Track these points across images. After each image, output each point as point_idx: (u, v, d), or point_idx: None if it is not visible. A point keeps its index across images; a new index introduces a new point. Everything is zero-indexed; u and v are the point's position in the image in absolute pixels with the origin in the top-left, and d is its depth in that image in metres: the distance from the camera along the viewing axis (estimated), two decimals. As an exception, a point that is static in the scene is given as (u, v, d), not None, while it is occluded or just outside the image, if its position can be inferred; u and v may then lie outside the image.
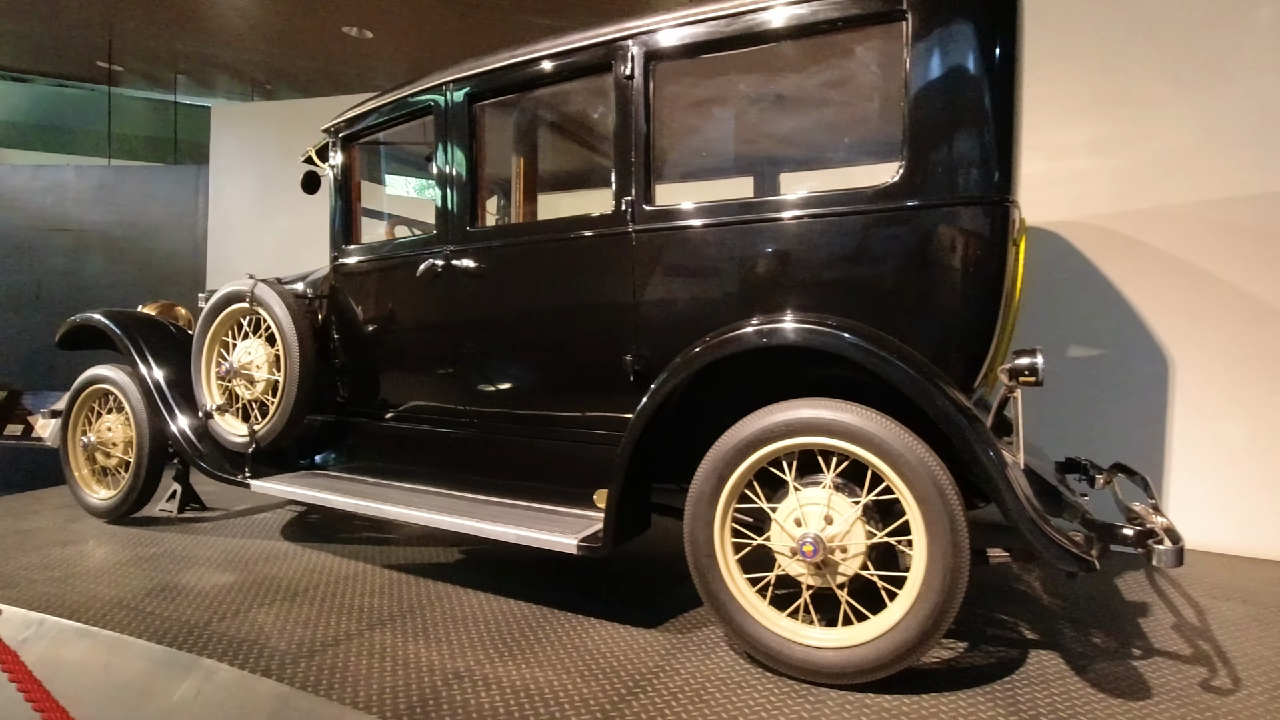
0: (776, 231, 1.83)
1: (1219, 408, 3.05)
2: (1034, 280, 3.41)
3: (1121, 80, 3.22)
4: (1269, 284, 2.95)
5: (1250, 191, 2.99)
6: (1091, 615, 2.31)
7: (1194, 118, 3.08)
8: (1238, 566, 2.88)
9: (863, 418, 1.70)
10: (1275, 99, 2.93)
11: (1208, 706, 1.72)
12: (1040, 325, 3.40)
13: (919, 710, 1.67)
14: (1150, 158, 3.17)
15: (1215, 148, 3.05)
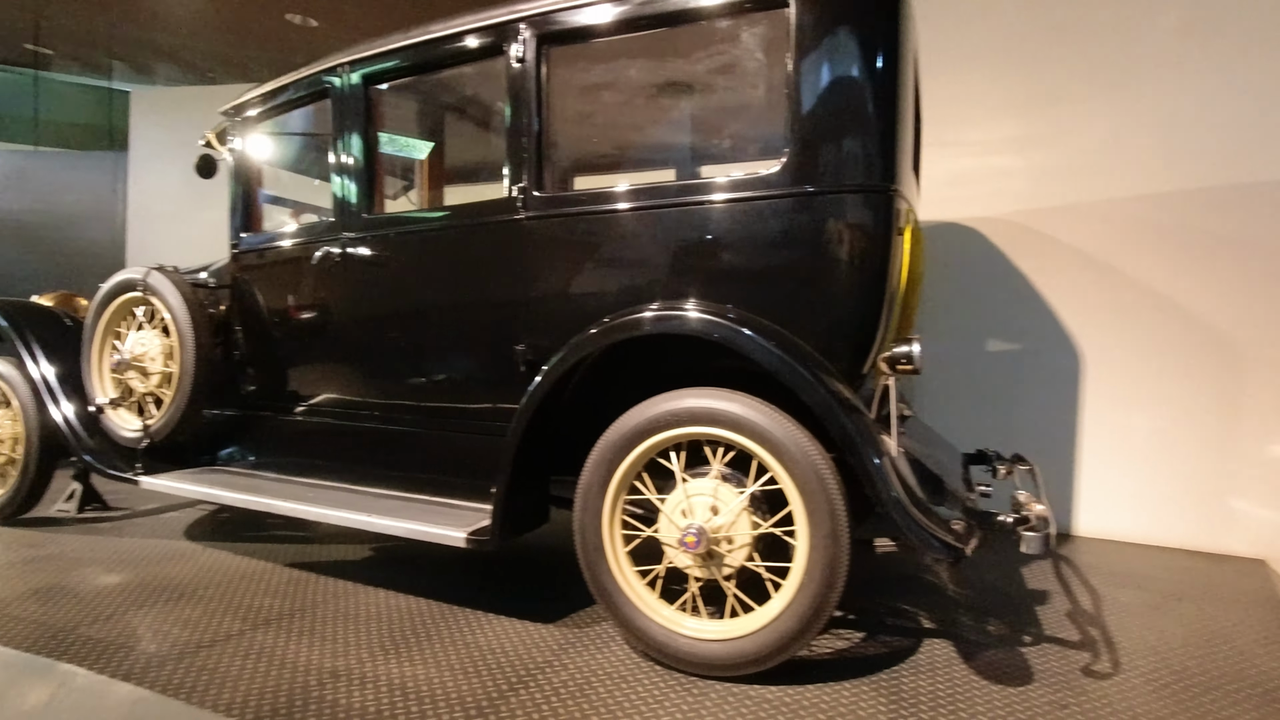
0: (664, 219, 1.81)
1: (1127, 399, 3.12)
2: (956, 275, 3.47)
3: (1040, 81, 3.28)
4: (1173, 280, 3.03)
5: (1156, 190, 3.06)
6: (992, 604, 2.34)
7: (1105, 118, 3.15)
8: (1141, 554, 2.96)
9: (747, 407, 1.69)
10: (1178, 102, 3.01)
11: (1084, 690, 1.74)
12: (961, 319, 3.46)
13: (801, 700, 1.66)
14: (1065, 156, 3.23)
15: (1124, 147, 3.12)
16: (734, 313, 1.72)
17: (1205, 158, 2.97)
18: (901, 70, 1.73)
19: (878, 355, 1.79)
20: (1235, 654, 1.98)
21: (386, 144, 2.46)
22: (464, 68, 2.08)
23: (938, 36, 3.46)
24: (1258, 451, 2.90)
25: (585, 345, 1.81)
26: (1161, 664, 1.90)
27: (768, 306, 1.74)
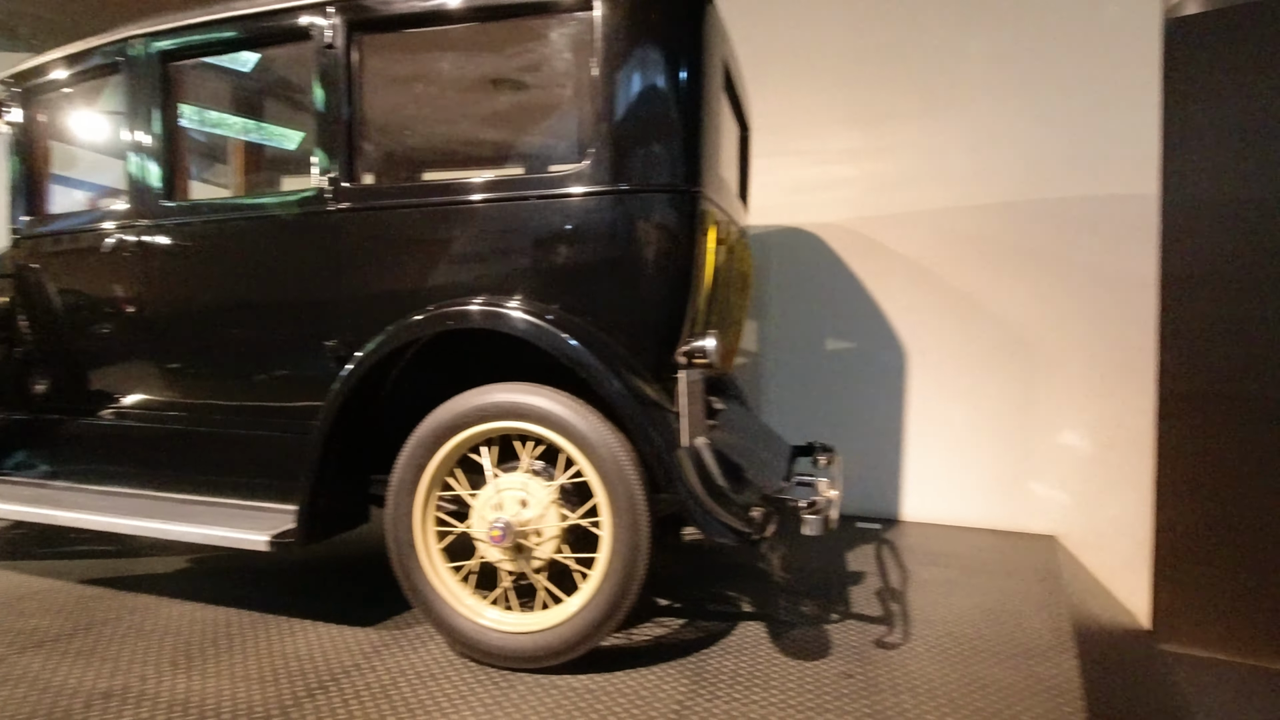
0: (475, 215, 1.80)
1: (945, 394, 3.40)
2: (799, 278, 3.66)
3: (873, 97, 3.51)
4: (983, 286, 3.33)
5: (970, 203, 3.35)
6: (811, 586, 2.48)
7: (929, 135, 3.42)
8: (953, 535, 3.22)
9: (552, 401, 1.70)
10: (988, 123, 3.31)
11: (871, 660, 1.88)
12: (803, 320, 3.65)
13: (606, 686, 1.70)
14: (894, 169, 3.48)
15: (944, 163, 3.39)
16: (529, 306, 1.73)
17: (1011, 175, 3.28)
18: (707, 78, 1.80)
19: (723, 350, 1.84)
20: (1010, 620, 2.20)
21: (192, 126, 2.31)
22: (272, 50, 1.99)
23: (782, 51, 3.65)
24: (1049, 439, 3.24)
25: (394, 338, 1.78)
26: (945, 633, 2.08)
27: (576, 302, 1.77)
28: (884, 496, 3.51)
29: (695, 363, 1.72)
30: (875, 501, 3.51)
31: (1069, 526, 3.21)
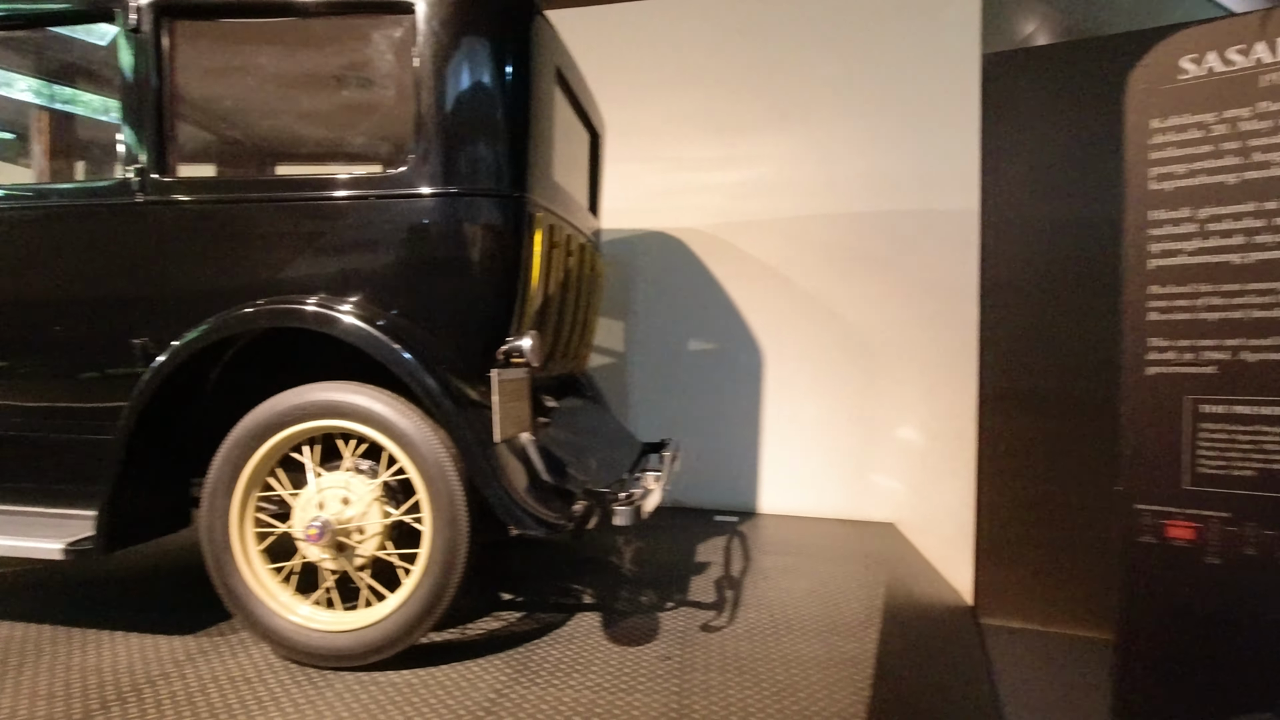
0: (293, 212, 1.78)
1: (797, 392, 3.60)
2: (665, 280, 3.79)
3: (735, 108, 3.68)
4: (831, 290, 3.55)
5: (820, 212, 3.57)
6: (655, 577, 2.58)
7: (784, 147, 3.62)
8: (804, 525, 3.43)
9: (373, 400, 1.71)
10: (832, 138, 3.54)
11: (693, 643, 1.99)
12: (668, 321, 3.78)
13: (427, 680, 1.72)
14: (754, 177, 3.66)
15: (798, 174, 3.60)
16: (340, 303, 1.74)
17: (854, 188, 3.52)
18: (535, 85, 1.86)
19: (555, 352, 1.89)
20: (830, 601, 2.37)
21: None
22: (76, 28, 1.89)
23: (650, 63, 3.76)
24: (889, 433, 3.50)
25: (204, 337, 1.74)
26: (767, 614, 2.22)
27: (396, 301, 1.78)
28: (742, 490, 3.68)
29: (513, 362, 1.78)
30: (734, 495, 3.68)
31: (905, 514, 3.48)
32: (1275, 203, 1.59)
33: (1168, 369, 1.70)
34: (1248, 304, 1.61)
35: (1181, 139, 1.68)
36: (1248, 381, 1.62)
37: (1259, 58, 1.60)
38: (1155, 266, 1.71)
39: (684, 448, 3.41)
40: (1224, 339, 1.64)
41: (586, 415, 2.59)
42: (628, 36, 3.80)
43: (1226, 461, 1.64)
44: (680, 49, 3.74)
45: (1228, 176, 1.63)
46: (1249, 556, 1.62)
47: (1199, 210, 1.66)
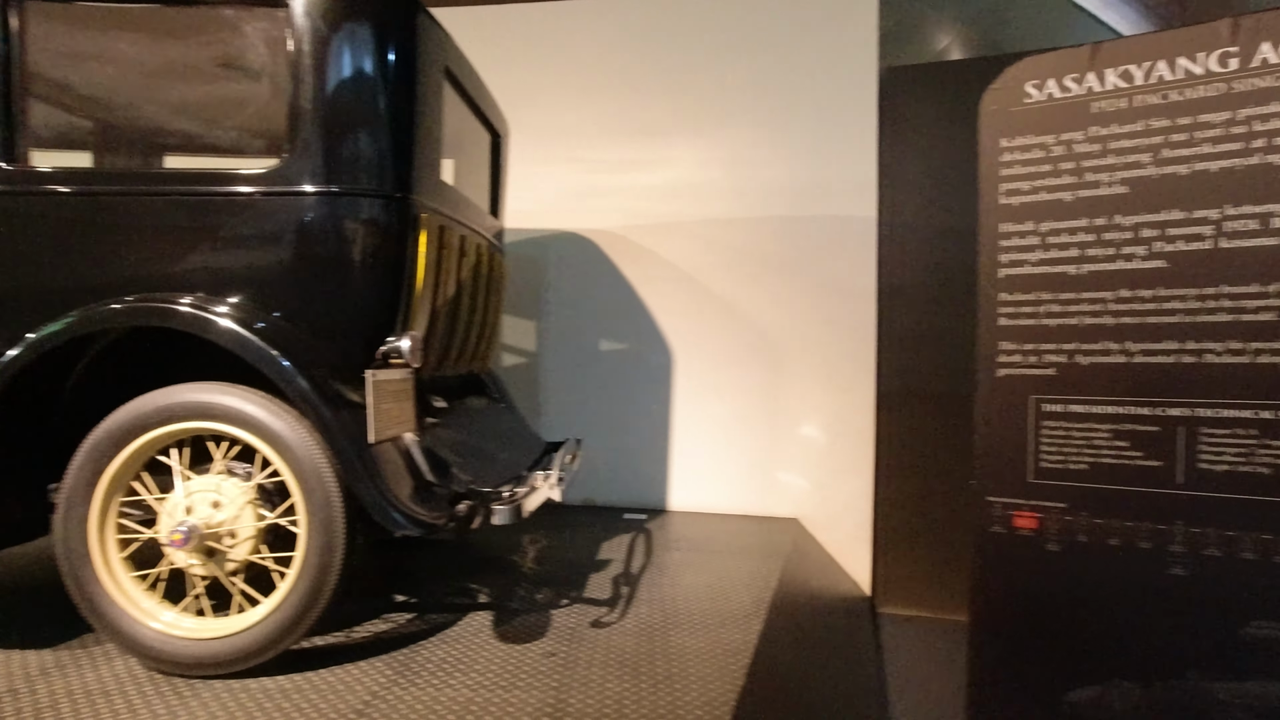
0: (158, 207, 1.73)
1: (706, 391, 3.69)
2: (578, 281, 3.81)
3: (649, 112, 3.73)
4: (739, 292, 3.65)
5: (728, 216, 3.66)
6: (555, 575, 2.60)
7: (695, 151, 3.70)
8: (712, 522, 3.51)
9: (245, 401, 1.68)
10: (740, 144, 3.64)
11: (580, 639, 2.02)
12: (581, 321, 3.81)
13: (301, 684, 1.70)
14: (666, 180, 3.72)
15: (708, 178, 3.68)
16: (205, 303, 1.70)
17: (760, 194, 3.62)
18: (419, 84, 1.86)
19: (451, 354, 1.88)
20: (722, 595, 2.45)
21: None
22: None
23: (563, 64, 3.78)
24: (793, 431, 3.62)
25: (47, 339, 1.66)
26: (659, 610, 2.28)
27: (274, 302, 1.75)
28: (653, 488, 3.74)
29: (392, 363, 1.77)
30: (645, 493, 3.74)
31: (809, 509, 3.61)
32: (1104, 219, 1.73)
33: (1015, 371, 1.83)
34: (1081, 311, 1.75)
35: (1026, 158, 1.81)
36: (1081, 382, 1.76)
37: (1090, 86, 1.74)
38: (1004, 275, 1.84)
39: (588, 447, 3.44)
40: (1062, 343, 1.77)
41: (485, 415, 2.59)
42: (546, 37, 3.81)
43: (1064, 456, 1.78)
44: (596, 52, 3.77)
45: (1064, 194, 1.77)
46: (1082, 543, 1.76)
47: (1041, 224, 1.80)
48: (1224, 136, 1.62)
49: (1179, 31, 1.64)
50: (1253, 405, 1.60)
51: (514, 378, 3.85)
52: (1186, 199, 1.65)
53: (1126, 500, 1.72)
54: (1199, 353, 1.65)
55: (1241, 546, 1.61)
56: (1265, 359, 1.59)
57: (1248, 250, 1.60)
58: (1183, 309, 1.66)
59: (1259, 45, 1.58)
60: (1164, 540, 1.68)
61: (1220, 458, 1.63)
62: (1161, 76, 1.67)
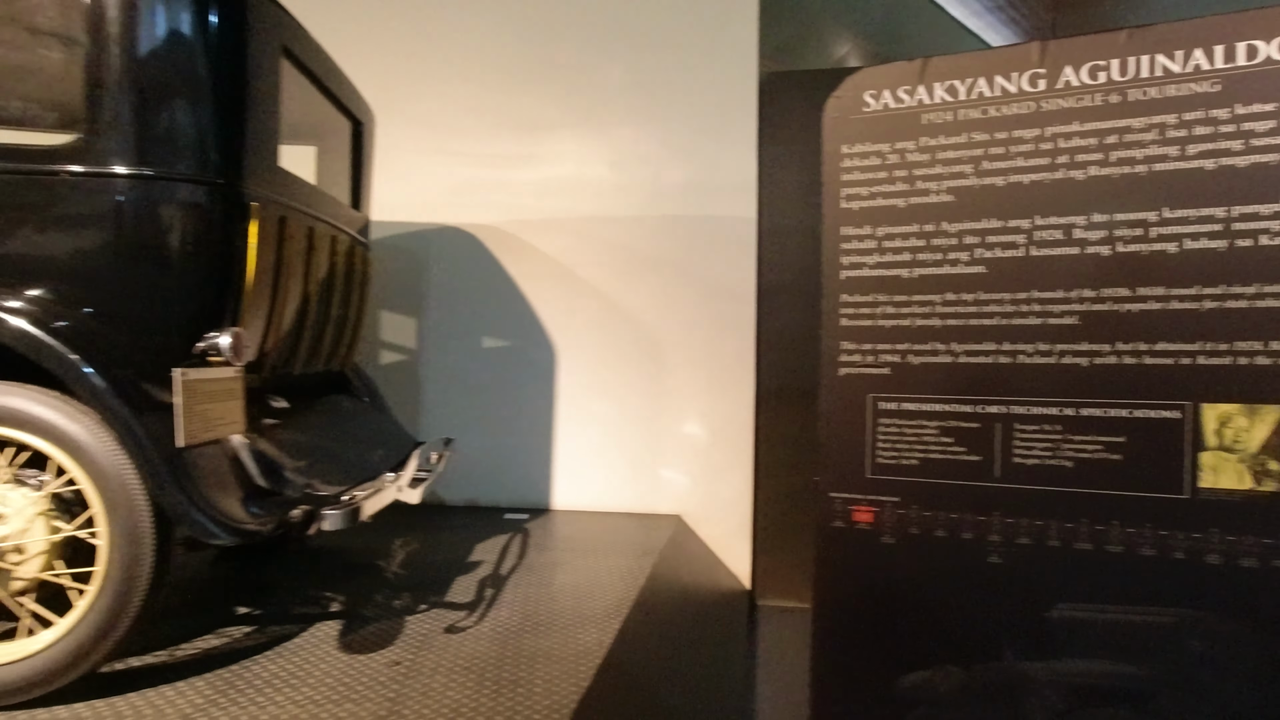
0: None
1: (589, 389, 3.67)
2: (459, 277, 3.71)
3: (532, 105, 3.67)
4: (622, 289, 3.64)
5: (611, 214, 3.65)
6: (420, 579, 2.52)
7: (577, 147, 3.66)
8: (595, 521, 3.50)
9: (35, 402, 1.53)
10: (623, 141, 3.63)
11: (430, 646, 1.96)
12: (462, 319, 3.71)
13: (104, 710, 1.56)
14: (548, 176, 3.67)
15: (589, 175, 3.66)
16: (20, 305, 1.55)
17: (643, 192, 3.63)
18: (253, 61, 1.74)
19: (285, 351, 1.76)
20: (587, 595, 2.43)
21: None
22: None
23: (439, 53, 3.67)
24: (676, 428, 3.65)
25: None
26: (519, 613, 2.24)
27: (76, 294, 1.60)
28: (536, 487, 3.70)
29: (210, 360, 1.66)
30: (528, 492, 3.69)
31: (691, 506, 3.65)
32: (933, 225, 1.81)
33: (854, 370, 1.89)
34: (912, 313, 1.83)
35: (865, 164, 1.87)
36: (912, 381, 1.84)
37: (921, 99, 1.82)
38: (846, 277, 1.90)
39: (470, 446, 3.38)
40: (895, 344, 1.85)
41: (344, 415, 2.48)
42: (424, 24, 3.68)
43: (897, 452, 1.85)
44: (477, 42, 3.68)
45: (898, 200, 1.84)
46: (913, 535, 1.84)
47: (878, 229, 1.86)
48: (1034, 152, 1.72)
49: (996, 51, 1.73)
50: (1058, 403, 1.72)
51: (393, 375, 3.72)
52: (1002, 209, 1.75)
53: (952, 493, 1.81)
54: (1013, 354, 1.75)
55: (1048, 534, 1.73)
56: (1068, 360, 1.71)
57: (1053, 258, 1.71)
58: (999, 312, 1.76)
59: (1063, 68, 1.70)
60: (983, 531, 1.78)
61: (1031, 452, 1.74)
62: (981, 93, 1.76)
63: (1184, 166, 1.62)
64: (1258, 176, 1.57)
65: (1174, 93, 1.62)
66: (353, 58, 2.45)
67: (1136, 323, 1.66)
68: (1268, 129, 1.55)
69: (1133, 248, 1.66)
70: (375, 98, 2.81)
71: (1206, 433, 1.61)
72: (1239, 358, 1.59)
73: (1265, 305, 1.56)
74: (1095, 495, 1.69)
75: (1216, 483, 1.61)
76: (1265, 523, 1.57)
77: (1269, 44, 1.55)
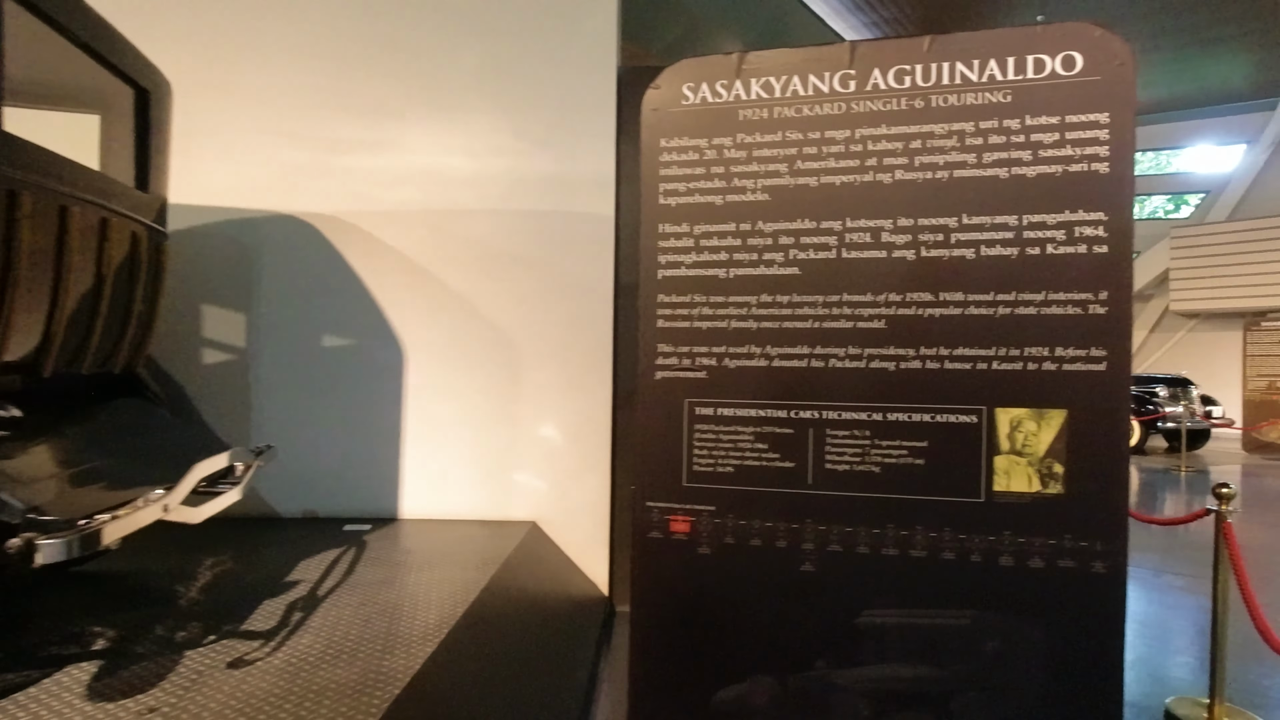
0: None
1: (440, 390, 3.46)
2: (291, 270, 3.41)
3: (380, 89, 3.42)
4: (475, 286, 3.46)
5: (465, 208, 3.46)
6: (218, 606, 2.26)
7: (429, 136, 3.45)
8: (445, 529, 3.30)
9: None
10: (480, 131, 3.45)
11: (205, 685, 1.73)
12: (296, 315, 3.41)
13: None
14: (398, 165, 3.43)
15: (443, 165, 3.45)
16: None
17: (500, 185, 3.46)
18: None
19: None
20: (407, 614, 2.25)
21: None
22: None
23: (290, 26, 3.36)
24: (531, 432, 3.50)
25: None
26: (324, 640, 2.03)
27: None
28: (383, 495, 3.46)
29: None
30: (373, 501, 3.45)
31: (547, 511, 3.51)
32: (749, 225, 1.76)
33: (671, 374, 1.81)
34: (729, 315, 1.77)
35: (683, 159, 1.79)
36: (729, 386, 1.78)
37: (738, 94, 1.76)
38: (663, 277, 1.82)
39: (307, 452, 3.12)
40: (712, 346, 1.78)
41: (113, 424, 2.17)
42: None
43: (714, 460, 1.79)
44: (316, 16, 3.39)
45: (715, 198, 1.78)
46: (729, 544, 1.79)
47: (695, 227, 1.79)
48: (845, 153, 1.70)
49: (809, 50, 1.69)
50: (866, 408, 1.70)
51: (217, 376, 3.38)
52: (816, 210, 1.72)
53: (767, 501, 1.76)
54: (825, 358, 1.72)
55: (858, 541, 1.71)
56: (876, 364, 1.69)
57: (863, 261, 1.70)
58: (813, 315, 1.73)
59: (872, 71, 1.68)
60: (797, 539, 1.74)
61: (841, 458, 1.72)
62: (796, 91, 1.72)
63: (981, 174, 1.63)
64: (1044, 187, 1.60)
65: (972, 101, 1.63)
66: (159, 20, 2.16)
67: (939, 328, 1.66)
68: (1053, 140, 1.59)
69: (935, 253, 1.66)
70: (190, 66, 2.51)
71: (1000, 437, 1.63)
72: (1029, 363, 1.61)
73: (1052, 313, 1.60)
74: (901, 500, 1.69)
75: (1009, 485, 1.63)
76: (1051, 524, 1.61)
77: (1053, 59, 1.58)
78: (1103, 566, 1.58)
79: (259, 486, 3.38)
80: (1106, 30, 1.53)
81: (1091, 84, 1.56)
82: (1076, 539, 1.59)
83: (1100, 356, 1.57)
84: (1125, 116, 1.53)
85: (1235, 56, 11.21)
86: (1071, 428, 1.59)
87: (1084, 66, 1.56)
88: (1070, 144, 1.58)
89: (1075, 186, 1.58)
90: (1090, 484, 1.59)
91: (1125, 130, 1.53)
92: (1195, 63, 11.46)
